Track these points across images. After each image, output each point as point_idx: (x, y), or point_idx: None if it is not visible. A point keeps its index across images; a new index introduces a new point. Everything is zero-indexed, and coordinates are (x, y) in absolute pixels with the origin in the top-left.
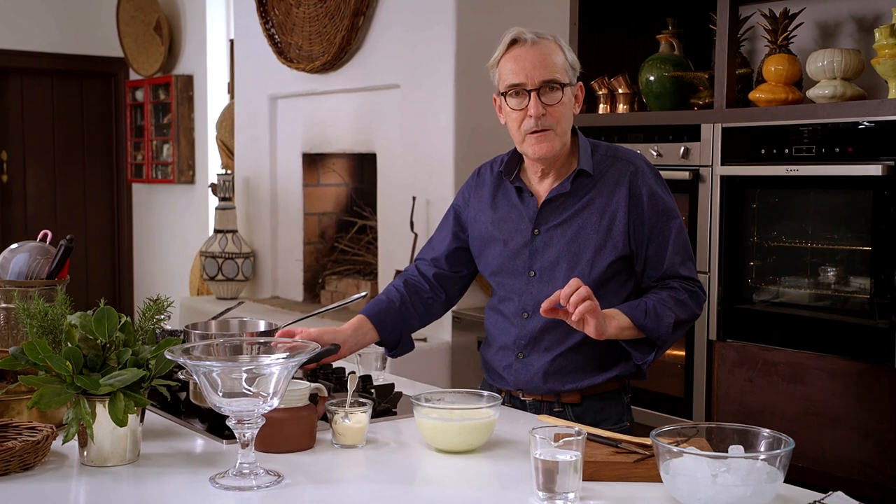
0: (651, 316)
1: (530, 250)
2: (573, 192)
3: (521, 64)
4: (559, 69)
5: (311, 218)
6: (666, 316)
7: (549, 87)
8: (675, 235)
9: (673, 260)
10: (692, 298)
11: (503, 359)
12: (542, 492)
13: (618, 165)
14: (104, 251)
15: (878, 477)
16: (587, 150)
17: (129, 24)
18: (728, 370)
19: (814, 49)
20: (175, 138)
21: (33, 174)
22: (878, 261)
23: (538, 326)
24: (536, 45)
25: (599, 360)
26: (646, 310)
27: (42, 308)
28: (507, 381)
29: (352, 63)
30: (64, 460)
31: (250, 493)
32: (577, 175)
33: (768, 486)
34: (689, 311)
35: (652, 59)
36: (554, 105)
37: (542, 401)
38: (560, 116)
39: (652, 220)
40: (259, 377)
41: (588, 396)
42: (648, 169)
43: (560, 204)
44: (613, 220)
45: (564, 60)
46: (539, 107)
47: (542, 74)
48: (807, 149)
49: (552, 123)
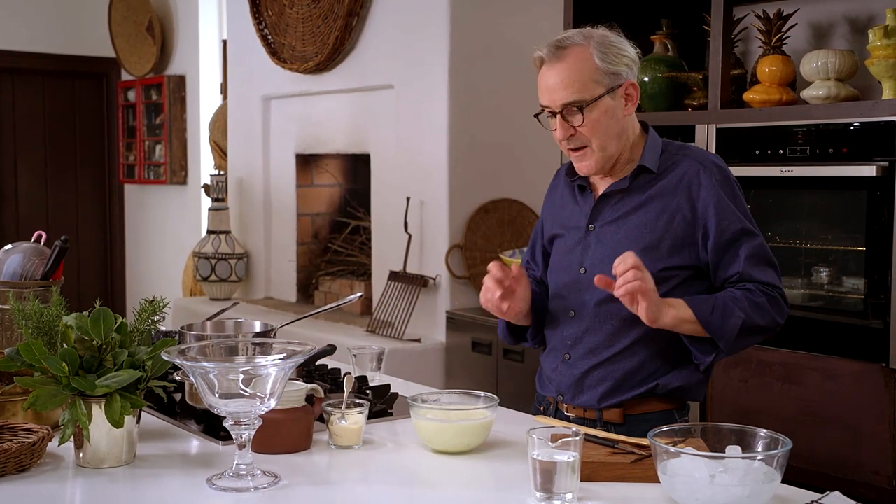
0: (717, 312)
1: (583, 246)
2: (632, 188)
3: (543, 86)
4: (583, 85)
5: (304, 218)
6: (734, 315)
7: (570, 111)
8: (748, 239)
9: (748, 263)
10: (772, 303)
11: (553, 361)
12: (539, 492)
13: (684, 164)
14: (96, 252)
15: (873, 477)
16: (655, 147)
17: (121, 25)
18: (723, 371)
19: (807, 50)
20: (167, 139)
21: (25, 175)
22: (872, 261)
23: (583, 327)
24: (559, 63)
25: (647, 371)
26: (713, 305)
27: (37, 309)
28: (552, 385)
29: (345, 63)
30: (60, 462)
31: (247, 495)
32: (638, 172)
33: (766, 486)
34: (767, 317)
35: (646, 60)
36: (581, 125)
37: (584, 418)
38: (593, 132)
39: (721, 225)
40: (256, 378)
41: (633, 416)
42: (718, 171)
43: (618, 200)
44: (672, 222)
45: (595, 70)
46: (565, 129)
47: (563, 97)
48: (801, 149)
49: (586, 140)
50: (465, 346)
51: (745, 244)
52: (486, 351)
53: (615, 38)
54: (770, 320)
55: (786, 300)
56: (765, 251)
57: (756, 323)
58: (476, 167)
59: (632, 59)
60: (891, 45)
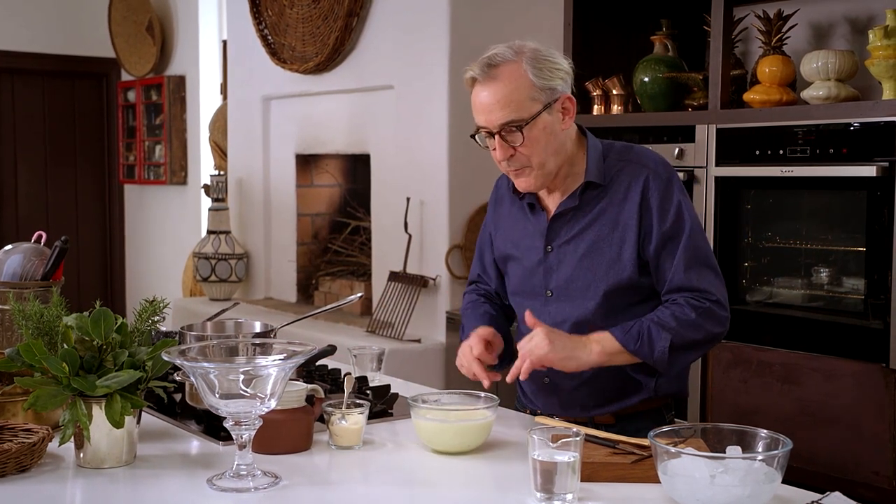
0: (644, 339)
1: (545, 268)
2: (582, 204)
3: (478, 107)
4: (520, 104)
5: (304, 219)
6: (660, 339)
7: (508, 130)
8: (684, 242)
9: (678, 268)
10: (703, 316)
11: (530, 384)
12: (540, 492)
13: (629, 170)
14: (96, 252)
15: (873, 477)
16: (597, 155)
17: (121, 25)
18: (722, 371)
19: (807, 50)
20: (167, 139)
21: (25, 175)
22: (872, 261)
23: None
24: (492, 83)
25: (633, 378)
26: (639, 332)
27: (37, 309)
28: (537, 404)
29: (345, 64)
30: (60, 462)
31: (248, 495)
32: (585, 187)
33: (766, 486)
34: (701, 331)
35: (646, 60)
36: (520, 144)
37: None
38: (532, 151)
39: (661, 229)
40: (256, 378)
41: (623, 417)
42: (664, 171)
43: (570, 218)
44: (626, 232)
45: (530, 87)
46: (504, 149)
47: (499, 118)
48: (801, 150)
49: (524, 161)
50: None
51: (683, 245)
52: None
53: (547, 52)
54: (705, 333)
55: (722, 306)
56: (703, 253)
57: (689, 339)
58: (476, 167)
59: (566, 71)
60: (891, 46)
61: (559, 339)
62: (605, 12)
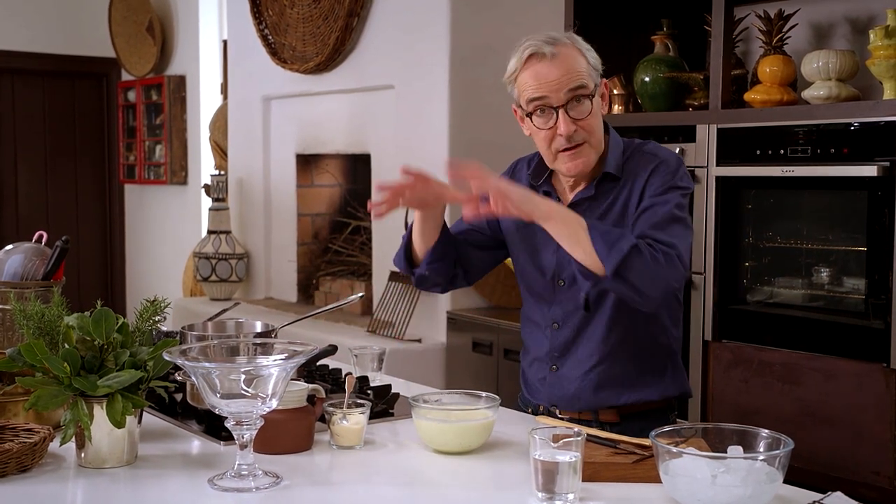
0: (612, 235)
1: (557, 258)
2: (598, 195)
3: (542, 80)
4: (587, 75)
5: (304, 219)
6: (626, 240)
7: (577, 100)
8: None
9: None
10: (667, 259)
11: (538, 371)
12: (541, 493)
13: (642, 161)
14: (96, 252)
15: (874, 477)
16: (618, 149)
17: (121, 25)
18: (723, 371)
19: (808, 50)
20: (167, 139)
21: (25, 175)
22: (873, 261)
23: (570, 337)
24: (557, 58)
25: (639, 373)
26: (610, 228)
27: (39, 309)
28: (542, 395)
29: (346, 64)
30: (61, 462)
31: (249, 495)
32: (602, 178)
33: (768, 486)
34: (661, 267)
35: (647, 60)
36: (585, 118)
37: (579, 419)
38: (593, 127)
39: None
40: (257, 378)
41: (628, 416)
42: (674, 162)
43: (586, 209)
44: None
45: (587, 65)
46: (569, 124)
47: (568, 84)
48: (802, 150)
49: (586, 137)
50: (465, 347)
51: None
52: (486, 351)
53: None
54: (663, 270)
55: (680, 258)
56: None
57: (649, 260)
58: None
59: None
60: (891, 46)
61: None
62: (605, 12)
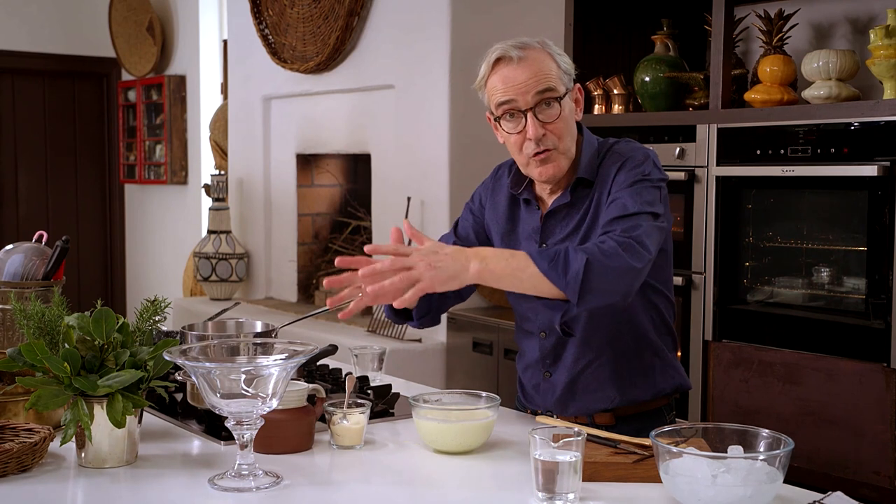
0: (560, 260)
1: None
2: (574, 201)
3: (510, 83)
4: (556, 78)
5: (305, 219)
6: (576, 260)
7: (546, 103)
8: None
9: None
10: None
11: (532, 377)
12: (541, 492)
13: (609, 161)
14: (96, 252)
15: (874, 477)
16: (591, 152)
17: (122, 25)
18: (723, 371)
19: (808, 50)
20: (168, 139)
21: (25, 175)
22: (873, 261)
23: (558, 343)
24: (524, 61)
25: (627, 373)
26: (556, 253)
27: (39, 309)
28: (537, 402)
29: (346, 63)
30: (61, 462)
31: (249, 495)
32: (576, 184)
33: (768, 486)
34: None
35: (647, 60)
36: (553, 122)
37: (575, 422)
38: (562, 132)
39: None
40: (258, 378)
41: (623, 417)
42: (640, 156)
43: (564, 215)
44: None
45: (557, 68)
46: (537, 127)
47: (536, 87)
48: (802, 149)
49: (554, 142)
50: (465, 346)
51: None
52: (486, 351)
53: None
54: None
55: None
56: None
57: (605, 264)
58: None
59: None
60: (892, 45)
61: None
62: (605, 12)
